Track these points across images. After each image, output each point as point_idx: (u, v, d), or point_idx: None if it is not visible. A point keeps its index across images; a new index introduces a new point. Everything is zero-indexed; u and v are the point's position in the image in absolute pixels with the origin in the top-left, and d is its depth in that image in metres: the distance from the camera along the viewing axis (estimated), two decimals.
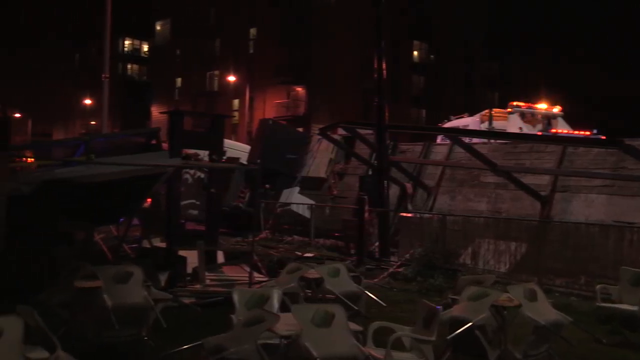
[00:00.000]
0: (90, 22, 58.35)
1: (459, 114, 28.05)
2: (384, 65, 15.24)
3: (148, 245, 12.52)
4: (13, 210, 9.66)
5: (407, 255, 13.38)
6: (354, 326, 6.05)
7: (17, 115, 57.20)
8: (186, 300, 9.34)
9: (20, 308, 4.96)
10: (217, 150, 12.23)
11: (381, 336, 5.98)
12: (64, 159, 13.26)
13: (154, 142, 13.04)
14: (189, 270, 10.86)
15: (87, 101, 63.66)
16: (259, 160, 18.95)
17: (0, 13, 57.50)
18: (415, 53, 52.61)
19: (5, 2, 65.72)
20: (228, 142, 17.80)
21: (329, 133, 19.86)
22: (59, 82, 69.62)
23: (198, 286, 10.29)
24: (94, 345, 6.50)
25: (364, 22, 39.86)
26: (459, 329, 6.31)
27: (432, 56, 52.84)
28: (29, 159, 16.07)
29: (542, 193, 14.30)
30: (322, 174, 20.54)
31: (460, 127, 24.10)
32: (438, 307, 6.00)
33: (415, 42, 52.01)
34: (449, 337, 6.32)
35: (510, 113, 24.80)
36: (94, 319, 6.73)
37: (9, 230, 9.51)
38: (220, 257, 12.14)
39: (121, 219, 13.68)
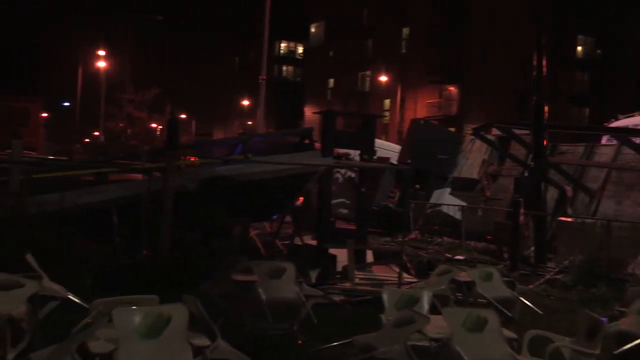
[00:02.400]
0: (249, 27, 61.27)
1: (628, 112, 25.96)
2: (543, 62, 14.49)
3: (299, 243, 12.86)
4: (178, 206, 10.35)
5: (566, 262, 12.62)
6: (507, 333, 5.79)
7: (183, 116, 61.32)
8: (336, 298, 9.45)
9: (185, 297, 5.28)
10: (368, 150, 12.29)
11: (538, 346, 5.66)
12: (224, 157, 13.98)
13: (307, 141, 13.36)
14: (339, 268, 11.01)
15: (245, 102, 66.91)
16: (409, 160, 18.81)
17: (166, 23, 62.07)
18: (580, 48, 49.52)
19: (171, 11, 70.78)
20: (379, 142, 17.82)
21: (482, 133, 19.26)
22: (220, 84, 73.86)
23: (347, 284, 10.38)
24: (250, 336, 6.76)
25: (523, 17, 38.24)
26: (627, 344, 5.82)
27: (598, 51, 49.41)
28: (193, 157, 17.16)
29: None
30: (475, 175, 19.97)
31: (630, 127, 22.30)
32: (603, 318, 5.57)
33: (580, 37, 48.95)
34: (616, 352, 5.85)
35: None
36: (249, 311, 7.00)
37: (175, 225, 10.20)
38: (370, 256, 12.18)
39: (275, 216, 14.21)
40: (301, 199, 14.58)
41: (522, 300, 8.19)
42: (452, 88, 46.87)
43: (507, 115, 36.69)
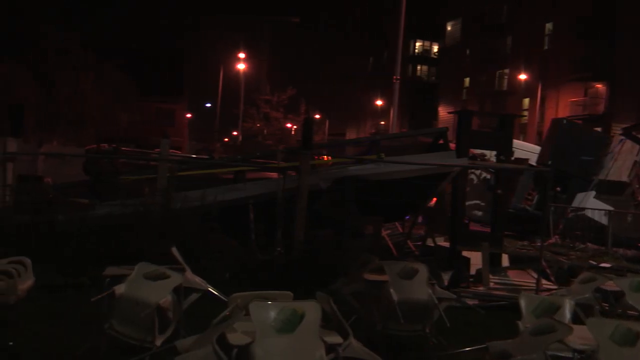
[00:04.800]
0: (384, 27, 61.36)
1: None
2: None
3: (431, 244, 12.66)
4: (312, 204, 10.56)
5: None
6: None
7: (317, 116, 62.58)
8: (469, 302, 9.21)
9: (318, 295, 5.35)
10: (505, 150, 11.87)
11: None
12: (356, 157, 14.06)
13: (441, 141, 13.13)
14: (472, 271, 10.72)
15: (378, 102, 67.03)
16: (549, 162, 17.95)
17: (302, 24, 63.66)
18: None
19: (307, 12, 72.42)
20: (516, 143, 17.16)
21: (634, 133, 17.97)
22: (353, 84, 74.55)
23: (481, 288, 10.10)
24: (381, 336, 6.74)
25: None
26: None
27: None
28: (326, 156, 17.45)
29: None
30: (624, 178, 18.64)
31: None
32: None
33: None
34: None
35: None
36: (381, 311, 6.98)
37: (308, 223, 10.42)
38: (505, 260, 11.76)
39: (407, 217, 14.09)
40: (434, 199, 14.36)
41: None
42: (599, 85, 44.08)
43: None
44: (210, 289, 6.76)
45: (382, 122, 63.08)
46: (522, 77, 47.91)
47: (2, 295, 6.70)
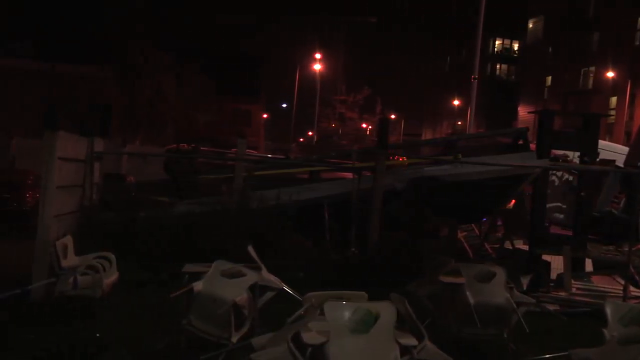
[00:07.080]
0: (462, 25, 60.33)
1: None
2: None
3: (509, 247, 12.35)
4: (386, 205, 10.50)
5: None
6: None
7: (393, 116, 62.22)
8: (550, 307, 8.93)
9: (393, 296, 5.30)
10: (589, 151, 11.44)
11: None
12: (432, 157, 13.87)
13: (520, 142, 12.79)
14: (553, 276, 10.40)
15: (455, 102, 65.97)
16: (639, 163, 17.14)
17: (378, 23, 63.27)
18: None
19: (382, 11, 72.06)
20: (602, 143, 16.49)
21: None
22: (430, 84, 73.68)
23: (563, 293, 9.77)
24: (456, 339, 6.62)
25: None
26: None
27: None
28: (401, 157, 17.31)
29: None
30: None
31: None
32: None
33: None
34: None
35: None
36: (456, 314, 6.86)
37: (383, 223, 10.36)
38: (589, 265, 11.33)
39: (484, 219, 13.79)
40: (513, 201, 13.99)
41: None
42: None
43: None
44: (285, 287, 6.82)
45: (459, 122, 62.03)
46: (610, 74, 45.95)
47: (89, 289, 7.03)
